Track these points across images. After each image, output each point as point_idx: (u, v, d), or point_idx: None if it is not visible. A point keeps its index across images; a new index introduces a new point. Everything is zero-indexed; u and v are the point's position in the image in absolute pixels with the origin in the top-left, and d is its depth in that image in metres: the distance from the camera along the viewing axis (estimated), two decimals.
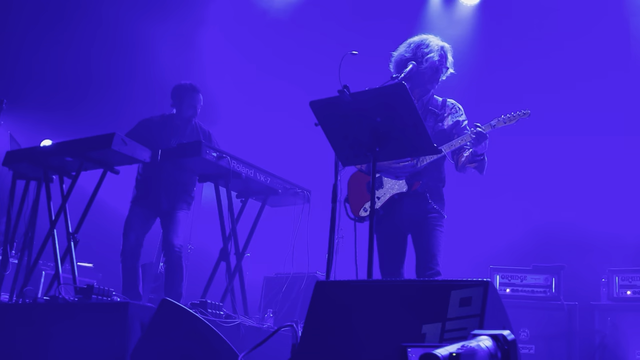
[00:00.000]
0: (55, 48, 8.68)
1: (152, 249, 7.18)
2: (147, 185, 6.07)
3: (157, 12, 8.93)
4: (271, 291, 6.96)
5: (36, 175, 5.52)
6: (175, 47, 8.97)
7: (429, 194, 4.28)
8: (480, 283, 2.77)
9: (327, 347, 2.95)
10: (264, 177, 5.77)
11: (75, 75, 8.85)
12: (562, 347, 5.86)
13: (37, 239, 5.48)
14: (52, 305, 4.51)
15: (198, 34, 9.25)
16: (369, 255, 3.50)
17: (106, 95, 8.80)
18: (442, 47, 4.41)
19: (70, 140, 5.16)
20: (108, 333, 4.06)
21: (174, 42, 8.96)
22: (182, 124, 6.16)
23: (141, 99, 8.44)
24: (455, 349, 1.63)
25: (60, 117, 8.49)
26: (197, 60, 9.11)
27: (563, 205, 7.81)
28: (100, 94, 8.80)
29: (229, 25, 9.29)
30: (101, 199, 5.47)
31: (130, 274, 5.89)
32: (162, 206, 6.00)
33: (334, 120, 3.73)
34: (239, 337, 4.61)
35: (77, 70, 8.84)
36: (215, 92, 8.77)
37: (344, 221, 6.12)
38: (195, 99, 6.16)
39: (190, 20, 9.20)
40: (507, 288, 6.25)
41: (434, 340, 2.69)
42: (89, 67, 8.84)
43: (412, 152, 3.98)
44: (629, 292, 5.80)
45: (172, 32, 8.90)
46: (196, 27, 9.22)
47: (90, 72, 8.86)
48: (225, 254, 5.60)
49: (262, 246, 7.56)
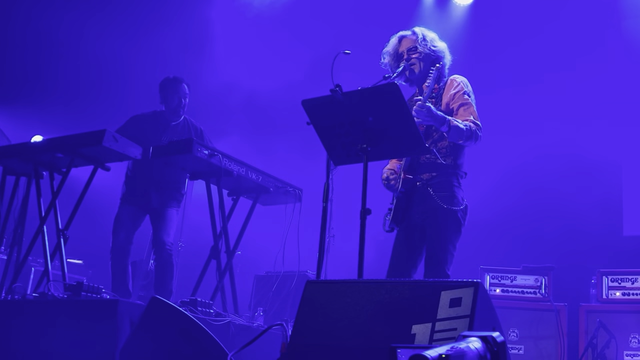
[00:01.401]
0: (47, 43, 8.64)
1: (142, 246, 7.15)
2: (137, 182, 6.05)
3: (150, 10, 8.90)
4: (261, 290, 6.96)
5: (26, 171, 5.49)
6: (167, 44, 8.94)
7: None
8: (471, 284, 2.77)
9: (316, 347, 2.95)
10: (256, 176, 5.77)
11: (66, 70, 8.81)
12: (551, 347, 5.88)
13: (27, 235, 5.46)
14: (41, 302, 4.49)
15: (190, 31, 9.23)
16: (359, 254, 3.50)
17: (97, 91, 8.77)
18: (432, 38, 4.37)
19: (61, 137, 5.14)
20: (97, 330, 4.05)
21: (167, 40, 8.93)
22: (172, 120, 6.15)
23: (133, 95, 8.41)
24: (444, 350, 1.63)
25: (51, 113, 8.46)
26: (189, 57, 9.08)
27: (554, 206, 7.83)
28: (92, 90, 8.77)
29: (220, 23, 9.27)
30: (91, 196, 5.44)
31: (120, 271, 5.88)
32: (152, 204, 5.99)
33: (326, 120, 3.73)
34: (229, 335, 4.61)
35: (68, 65, 8.80)
36: (207, 89, 8.76)
37: (335, 220, 6.13)
38: (179, 88, 6.15)
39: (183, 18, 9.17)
40: (497, 288, 6.26)
41: (424, 341, 2.70)
42: (80, 62, 8.80)
43: (404, 152, 3.97)
44: (618, 294, 5.82)
45: (165, 29, 8.87)
46: (188, 25, 9.19)
47: (82, 68, 8.82)
48: (216, 252, 5.59)
49: (253, 244, 7.55)
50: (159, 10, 8.96)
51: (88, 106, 8.57)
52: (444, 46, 4.34)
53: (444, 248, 4.03)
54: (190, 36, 9.19)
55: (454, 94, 4.18)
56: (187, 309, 4.37)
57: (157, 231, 5.94)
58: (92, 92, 8.75)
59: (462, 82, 4.24)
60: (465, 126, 4.00)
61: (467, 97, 4.18)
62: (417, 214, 4.14)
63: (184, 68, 8.45)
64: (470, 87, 4.26)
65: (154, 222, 6.01)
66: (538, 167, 7.96)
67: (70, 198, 5.29)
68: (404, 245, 4.18)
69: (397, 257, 4.20)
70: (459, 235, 4.11)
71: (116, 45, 8.81)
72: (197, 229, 7.94)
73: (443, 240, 4.05)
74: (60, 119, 8.29)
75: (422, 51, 4.26)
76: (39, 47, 8.63)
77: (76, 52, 8.75)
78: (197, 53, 9.23)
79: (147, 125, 6.09)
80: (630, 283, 5.82)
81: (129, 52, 8.84)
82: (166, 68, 7.67)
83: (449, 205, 4.06)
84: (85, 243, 7.44)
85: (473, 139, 4.05)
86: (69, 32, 8.71)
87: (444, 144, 4.15)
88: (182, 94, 6.16)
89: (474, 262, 6.59)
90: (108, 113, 6.23)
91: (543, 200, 7.87)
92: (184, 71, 6.87)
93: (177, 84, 6.17)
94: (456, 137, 4.01)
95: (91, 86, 8.80)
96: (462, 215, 4.11)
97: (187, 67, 8.67)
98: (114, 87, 8.76)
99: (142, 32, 8.78)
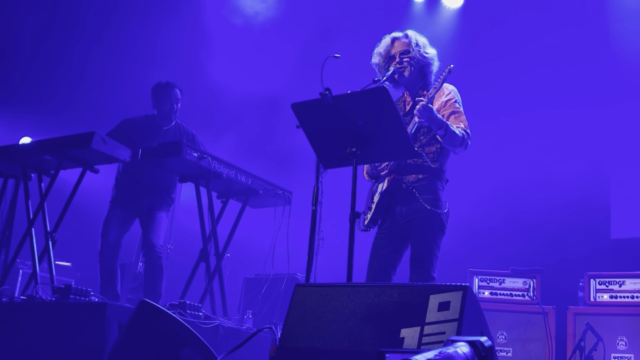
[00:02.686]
0: (36, 45, 8.61)
1: (131, 249, 7.14)
2: (127, 185, 6.03)
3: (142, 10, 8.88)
4: (251, 292, 6.95)
5: (14, 174, 5.47)
6: (159, 47, 8.92)
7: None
8: (459, 287, 2.79)
9: (305, 350, 2.96)
10: (245, 178, 5.77)
11: (56, 72, 8.78)
12: (540, 350, 5.91)
13: (15, 237, 5.43)
14: (29, 304, 4.47)
15: (182, 34, 9.21)
16: (348, 258, 3.51)
17: (87, 93, 8.73)
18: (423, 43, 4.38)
19: (50, 139, 5.12)
20: (85, 333, 4.03)
21: (159, 42, 8.91)
22: (164, 124, 6.14)
23: (124, 98, 8.37)
24: (432, 355, 1.64)
25: (39, 115, 8.42)
26: (180, 61, 9.07)
27: (542, 209, 7.86)
28: (81, 92, 8.73)
29: (211, 27, 9.26)
30: (80, 198, 5.42)
31: (109, 274, 5.86)
32: (142, 207, 5.97)
33: (316, 123, 3.74)
34: (218, 338, 4.60)
35: (58, 67, 8.76)
36: (197, 92, 8.74)
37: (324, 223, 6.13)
38: (171, 93, 6.15)
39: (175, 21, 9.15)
40: (485, 291, 6.29)
41: (413, 345, 2.70)
42: (70, 64, 8.76)
43: (393, 155, 3.97)
44: (606, 297, 5.86)
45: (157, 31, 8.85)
46: (180, 28, 9.18)
47: (72, 70, 8.78)
48: (205, 255, 5.58)
49: (242, 247, 7.54)
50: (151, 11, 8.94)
51: (77, 108, 8.54)
52: (434, 53, 4.36)
53: (430, 250, 4.05)
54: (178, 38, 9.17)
55: (445, 101, 4.20)
56: (175, 312, 4.36)
57: (146, 234, 5.93)
58: (82, 94, 8.71)
59: (453, 90, 4.27)
60: (460, 133, 4.03)
61: (458, 105, 4.21)
62: (400, 215, 4.15)
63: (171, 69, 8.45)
64: (459, 97, 4.29)
65: (143, 224, 6.00)
66: (526, 171, 8.00)
67: (58, 200, 5.27)
68: (389, 247, 4.18)
69: (379, 259, 4.19)
70: (442, 237, 4.14)
71: (107, 47, 8.78)
72: (186, 231, 7.93)
73: (428, 242, 4.06)
74: (48, 120, 8.25)
75: (414, 56, 4.27)
76: (28, 49, 8.59)
77: (66, 54, 8.71)
78: (184, 55, 9.21)
79: (138, 129, 6.08)
80: (617, 286, 5.86)
81: (119, 54, 8.82)
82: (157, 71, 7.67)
83: (434, 207, 4.08)
84: (74, 246, 7.41)
85: (463, 146, 4.09)
86: (59, 33, 8.68)
87: (432, 149, 4.17)
88: (174, 99, 6.16)
89: (462, 265, 6.61)
90: (98, 115, 6.22)
91: (531, 203, 7.90)
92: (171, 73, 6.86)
93: (169, 89, 6.16)
94: (450, 143, 4.04)
95: (81, 88, 8.76)
96: (445, 218, 4.14)
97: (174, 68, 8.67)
98: (104, 89, 8.73)
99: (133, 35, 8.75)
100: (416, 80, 4.30)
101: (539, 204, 7.88)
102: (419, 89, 4.31)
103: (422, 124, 4.01)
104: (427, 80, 4.32)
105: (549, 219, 7.78)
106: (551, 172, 7.87)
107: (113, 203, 6.04)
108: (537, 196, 7.90)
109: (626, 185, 7.64)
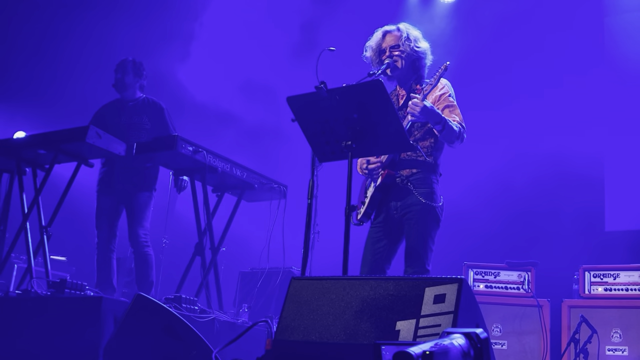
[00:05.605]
0: (30, 39, 8.57)
1: (125, 243, 7.13)
2: (109, 171, 5.97)
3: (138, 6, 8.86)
4: (246, 286, 6.96)
5: (9, 168, 5.45)
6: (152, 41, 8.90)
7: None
8: (454, 280, 2.79)
9: (301, 343, 2.96)
10: (240, 172, 5.76)
11: (50, 66, 8.75)
12: (534, 343, 5.93)
13: (10, 232, 5.42)
14: (24, 299, 4.47)
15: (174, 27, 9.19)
16: (344, 251, 3.51)
17: (81, 87, 8.70)
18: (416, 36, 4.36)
19: (44, 133, 5.11)
20: (81, 327, 4.03)
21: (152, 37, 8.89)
22: (129, 101, 6.09)
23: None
24: (428, 347, 1.64)
25: (33, 109, 8.40)
26: (172, 53, 9.04)
27: (537, 202, 7.88)
28: (76, 86, 8.70)
29: (204, 17, 9.25)
30: (75, 192, 5.41)
31: (105, 265, 5.84)
32: (126, 189, 5.87)
33: (311, 117, 3.74)
34: (214, 332, 4.60)
35: (52, 61, 8.73)
36: (190, 84, 8.73)
37: (319, 217, 6.13)
38: (119, 67, 6.12)
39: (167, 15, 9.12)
40: (480, 284, 6.30)
41: (408, 337, 2.71)
42: (63, 58, 8.74)
43: (388, 149, 3.97)
44: (600, 289, 5.88)
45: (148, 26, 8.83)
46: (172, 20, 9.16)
47: (65, 64, 8.76)
48: (201, 249, 5.58)
49: (238, 241, 7.55)
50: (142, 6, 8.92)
51: (72, 102, 8.51)
52: (426, 46, 4.34)
53: (424, 244, 4.05)
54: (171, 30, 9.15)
55: (439, 95, 4.19)
56: (171, 305, 4.36)
57: (130, 225, 5.87)
58: (76, 88, 8.68)
59: (446, 84, 4.27)
60: (456, 127, 4.03)
61: (452, 99, 4.21)
62: (394, 209, 4.15)
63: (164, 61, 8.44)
64: (453, 90, 4.28)
65: (128, 213, 5.92)
66: (520, 164, 8.00)
67: (53, 194, 5.26)
68: (384, 241, 4.18)
69: (373, 253, 4.18)
70: (437, 231, 4.14)
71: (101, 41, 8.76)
72: (181, 225, 7.92)
73: (423, 236, 4.06)
74: (43, 114, 8.22)
75: (404, 50, 4.26)
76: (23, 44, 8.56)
77: (60, 48, 8.68)
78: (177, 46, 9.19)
79: (107, 112, 6.08)
80: (612, 279, 5.88)
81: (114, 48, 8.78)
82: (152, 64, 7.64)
83: (429, 201, 4.08)
84: (69, 240, 7.40)
85: (460, 139, 4.09)
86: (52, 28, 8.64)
87: (426, 143, 4.17)
88: (119, 72, 6.11)
89: (457, 258, 6.63)
90: (92, 109, 6.18)
91: (526, 196, 7.92)
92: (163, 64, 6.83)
93: (118, 65, 6.14)
94: (448, 137, 4.03)
95: (75, 82, 8.73)
96: (440, 211, 4.14)
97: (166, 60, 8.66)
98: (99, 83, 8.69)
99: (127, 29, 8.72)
100: (408, 74, 4.29)
101: (533, 197, 7.90)
102: (412, 83, 4.30)
103: (417, 120, 4.00)
104: (420, 74, 4.31)
105: (544, 212, 7.80)
106: (546, 165, 7.88)
107: (99, 193, 6.00)
108: (531, 189, 7.91)
109: (620, 178, 7.65)
